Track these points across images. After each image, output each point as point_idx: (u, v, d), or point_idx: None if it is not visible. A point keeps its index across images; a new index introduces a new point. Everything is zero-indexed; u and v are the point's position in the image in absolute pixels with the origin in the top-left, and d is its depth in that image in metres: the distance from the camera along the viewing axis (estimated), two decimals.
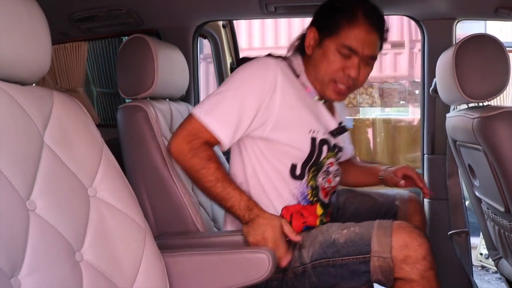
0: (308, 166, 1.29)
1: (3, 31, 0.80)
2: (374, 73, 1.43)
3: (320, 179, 1.34)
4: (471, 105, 1.46)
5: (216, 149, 1.26)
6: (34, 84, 0.92)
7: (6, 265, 0.69)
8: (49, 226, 0.80)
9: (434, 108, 1.82)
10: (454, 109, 1.67)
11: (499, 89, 1.32)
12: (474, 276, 1.92)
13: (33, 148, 0.82)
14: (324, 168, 1.34)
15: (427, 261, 1.13)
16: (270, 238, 1.14)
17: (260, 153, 1.28)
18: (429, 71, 1.77)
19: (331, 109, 1.40)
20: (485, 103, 1.38)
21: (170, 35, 1.88)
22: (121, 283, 0.91)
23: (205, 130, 1.18)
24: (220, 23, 2.12)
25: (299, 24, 5.82)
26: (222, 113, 1.19)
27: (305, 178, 1.31)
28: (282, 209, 1.30)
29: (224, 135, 1.19)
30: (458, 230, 1.78)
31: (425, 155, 1.89)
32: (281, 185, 1.29)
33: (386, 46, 1.38)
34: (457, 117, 1.48)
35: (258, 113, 1.21)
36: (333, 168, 1.38)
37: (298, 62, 1.34)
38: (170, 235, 1.29)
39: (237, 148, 1.31)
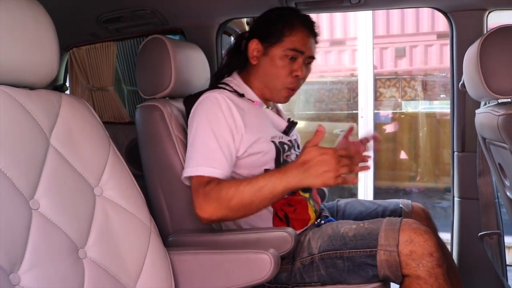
0: (276, 166, 1.34)
1: (9, 38, 0.83)
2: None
3: None
4: (500, 101, 1.38)
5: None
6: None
7: (5, 261, 0.73)
8: (51, 224, 0.83)
9: (464, 104, 1.74)
10: (484, 105, 1.60)
11: None
12: (508, 278, 1.83)
13: (38, 149, 0.86)
14: (288, 159, 1.40)
15: (434, 258, 1.14)
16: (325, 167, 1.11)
17: (236, 174, 1.33)
18: (458, 65, 1.69)
19: (277, 112, 1.52)
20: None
21: (194, 33, 1.91)
22: (124, 280, 0.94)
23: (203, 180, 1.21)
24: (244, 20, 2.12)
25: (327, 17, 5.72)
26: (208, 157, 1.23)
27: None
28: (272, 209, 1.34)
29: (221, 172, 1.23)
30: (489, 232, 1.70)
31: (455, 153, 1.82)
32: None
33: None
34: (484, 114, 1.41)
35: (234, 136, 1.27)
36: (293, 157, 1.43)
37: (237, 81, 1.43)
38: (185, 232, 1.31)
39: None
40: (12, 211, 0.77)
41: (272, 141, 1.36)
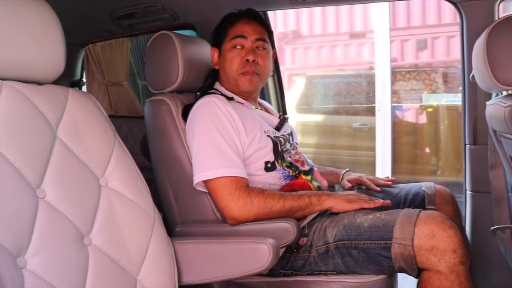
0: (276, 157, 1.41)
1: (17, 36, 0.88)
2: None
3: (288, 158, 1.45)
4: (511, 92, 1.36)
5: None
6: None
7: (13, 246, 0.78)
8: (57, 213, 0.87)
9: (475, 96, 1.71)
10: (496, 96, 1.57)
11: None
12: None
13: (44, 142, 0.90)
14: (285, 149, 1.47)
15: (457, 255, 1.11)
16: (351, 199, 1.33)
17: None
18: (468, 56, 1.67)
19: (266, 111, 1.60)
20: None
21: (205, 28, 1.93)
22: (128, 266, 0.97)
23: (227, 180, 1.27)
24: None
25: (347, 10, 5.64)
26: (223, 158, 1.29)
27: (277, 166, 1.40)
28: None
29: (239, 171, 1.30)
30: (501, 226, 1.67)
31: (467, 145, 1.79)
32: (263, 181, 1.39)
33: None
34: (493, 105, 1.39)
35: (238, 135, 1.34)
36: (288, 145, 1.51)
37: (221, 88, 1.52)
38: (191, 223, 1.35)
39: None
40: (19, 199, 0.81)
41: (268, 136, 1.41)
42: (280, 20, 6.04)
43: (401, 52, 5.68)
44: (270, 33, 1.55)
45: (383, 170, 4.18)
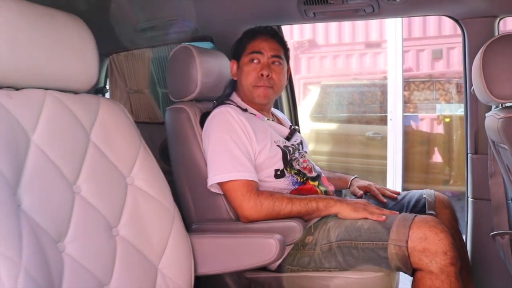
0: (285, 165, 1.53)
1: (57, 51, 1.01)
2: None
3: (296, 166, 1.57)
4: (507, 104, 1.45)
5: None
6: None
7: (54, 232, 0.90)
8: (90, 206, 1.00)
9: (476, 107, 1.80)
10: (495, 108, 1.66)
11: None
12: None
13: (80, 144, 1.03)
14: (294, 158, 1.58)
15: (447, 257, 1.20)
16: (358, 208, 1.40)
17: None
18: (470, 70, 1.75)
19: (279, 121, 1.73)
20: None
21: (222, 40, 2.06)
22: (150, 256, 1.10)
23: (239, 183, 1.39)
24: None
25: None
26: (235, 163, 1.41)
27: (286, 173, 1.51)
28: None
29: (250, 175, 1.42)
30: (501, 232, 1.75)
31: (469, 155, 1.88)
32: (273, 186, 1.50)
33: None
34: (490, 117, 1.48)
35: (250, 142, 1.46)
36: (297, 154, 1.62)
37: (237, 99, 1.63)
38: (206, 221, 1.47)
39: None
40: (59, 193, 0.94)
41: (278, 146, 1.53)
42: (296, 29, 6.13)
43: (416, 62, 5.72)
44: (286, 50, 1.66)
45: (394, 178, 4.24)
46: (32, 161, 0.91)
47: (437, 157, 5.15)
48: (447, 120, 5.25)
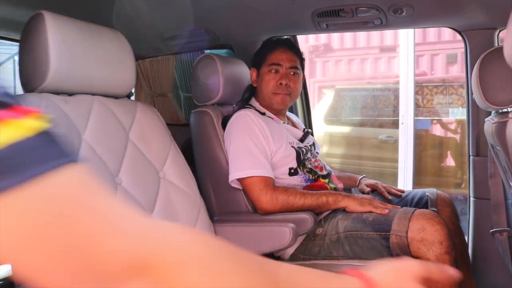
0: (298, 164, 1.69)
1: (102, 61, 1.18)
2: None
3: (309, 165, 1.72)
4: (503, 110, 1.58)
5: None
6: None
7: None
8: (130, 196, 1.17)
9: (478, 112, 1.93)
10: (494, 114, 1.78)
11: None
12: None
13: (121, 142, 1.20)
14: (306, 158, 1.71)
15: (443, 246, 1.34)
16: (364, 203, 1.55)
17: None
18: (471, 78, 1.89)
19: (293, 125, 1.88)
20: (509, 109, 1.50)
21: (241, 48, 2.22)
22: None
23: (257, 179, 1.56)
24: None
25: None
26: (254, 161, 1.57)
27: (299, 171, 1.67)
28: None
29: (267, 172, 1.58)
30: (499, 229, 1.87)
31: (471, 157, 2.00)
32: (287, 183, 1.65)
33: None
34: (487, 122, 1.61)
35: (267, 143, 1.61)
36: (310, 154, 1.77)
37: (256, 104, 1.79)
38: (227, 213, 1.63)
39: None
40: (105, 183, 1.11)
41: (292, 146, 1.69)
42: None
43: (430, 66, 5.79)
44: (302, 60, 1.83)
45: (405, 181, 4.33)
46: (83, 156, 1.07)
47: (450, 161, 5.20)
48: (456, 124, 5.30)
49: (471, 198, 2.02)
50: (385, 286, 0.47)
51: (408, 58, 4.29)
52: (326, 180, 1.73)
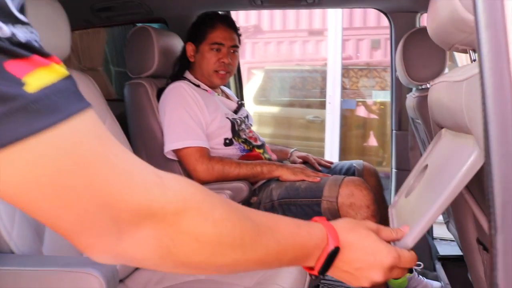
0: (233, 135, 1.74)
1: (38, 29, 1.12)
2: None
3: (243, 135, 1.78)
4: (423, 87, 1.72)
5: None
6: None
7: None
8: None
9: (400, 90, 2.08)
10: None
11: (438, 73, 1.58)
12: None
13: None
14: (241, 129, 1.76)
15: (369, 210, 1.46)
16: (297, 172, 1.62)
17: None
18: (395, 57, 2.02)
19: (227, 97, 1.94)
20: (429, 85, 1.64)
21: (175, 23, 2.19)
22: None
23: (193, 149, 1.58)
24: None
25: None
26: (189, 132, 1.59)
27: (234, 142, 1.72)
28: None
29: (202, 142, 1.61)
30: None
31: (393, 131, 2.16)
32: (222, 153, 1.70)
33: None
34: (409, 97, 1.75)
35: (202, 114, 1.63)
36: (244, 125, 1.84)
37: (190, 77, 1.80)
38: None
39: None
40: None
41: (227, 117, 1.72)
42: (242, 14, 6.25)
43: (355, 51, 6.03)
44: (239, 37, 1.86)
45: (331, 159, 4.52)
46: None
47: (372, 141, 5.48)
48: (378, 105, 5.59)
49: (393, 170, 2.18)
50: (342, 228, 0.61)
51: (336, 42, 4.44)
52: (261, 151, 1.79)
